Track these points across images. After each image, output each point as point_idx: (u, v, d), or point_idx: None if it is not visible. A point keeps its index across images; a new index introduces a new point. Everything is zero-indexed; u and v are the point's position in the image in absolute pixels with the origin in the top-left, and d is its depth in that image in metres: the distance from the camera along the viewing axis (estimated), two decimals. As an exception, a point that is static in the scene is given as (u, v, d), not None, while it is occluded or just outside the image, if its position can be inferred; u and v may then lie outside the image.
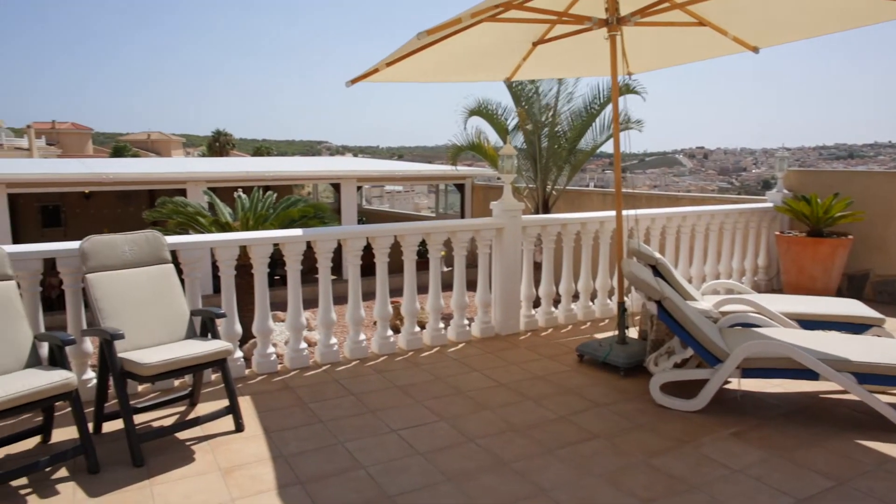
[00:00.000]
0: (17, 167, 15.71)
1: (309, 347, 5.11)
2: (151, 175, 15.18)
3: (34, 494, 3.17)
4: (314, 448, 3.63)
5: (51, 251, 4.10)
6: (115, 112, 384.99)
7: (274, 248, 4.84)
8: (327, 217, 8.66)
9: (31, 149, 42.94)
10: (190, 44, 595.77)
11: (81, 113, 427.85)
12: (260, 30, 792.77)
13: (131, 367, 3.49)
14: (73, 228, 17.80)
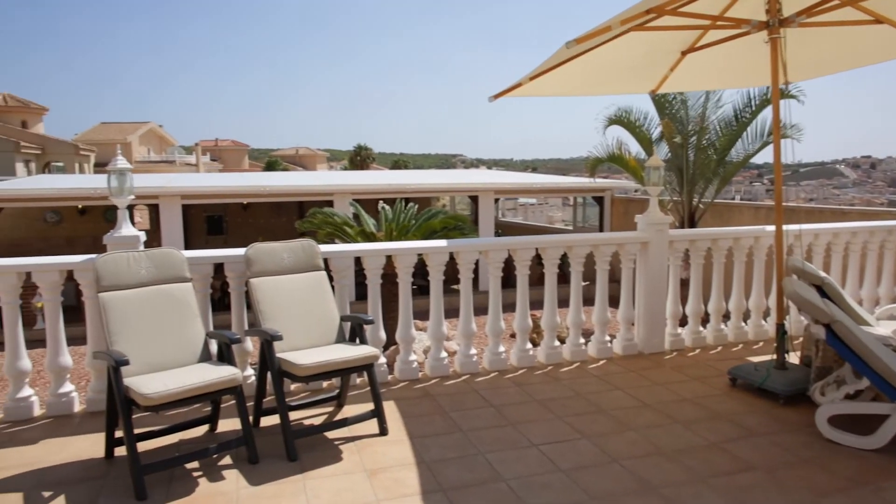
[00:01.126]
0: (190, 181, 17.42)
1: (448, 357, 5.19)
2: (302, 187, 16.22)
3: (204, 477, 3.46)
4: (455, 456, 3.67)
5: (220, 256, 4.48)
6: (267, 129, 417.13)
7: (417, 258, 4.97)
8: (467, 228, 8.79)
9: (198, 164, 47.48)
10: (335, 66, 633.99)
11: (239, 131, 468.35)
12: (397, 50, 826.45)
13: (288, 367, 3.72)
14: (232, 236, 19.41)
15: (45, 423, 4.23)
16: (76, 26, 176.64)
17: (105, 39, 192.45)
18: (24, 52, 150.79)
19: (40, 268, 4.20)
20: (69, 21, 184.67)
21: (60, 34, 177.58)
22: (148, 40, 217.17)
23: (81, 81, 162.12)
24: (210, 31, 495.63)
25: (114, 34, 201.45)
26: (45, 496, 3.28)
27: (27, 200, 14.48)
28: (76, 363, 4.41)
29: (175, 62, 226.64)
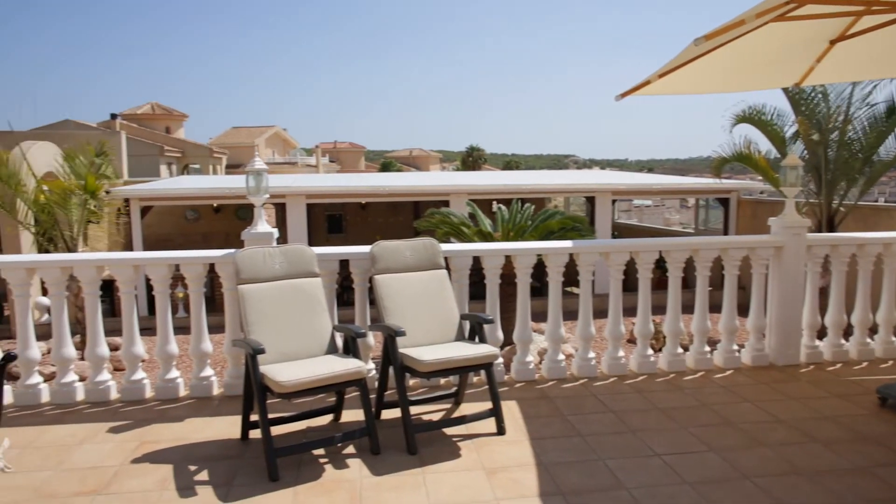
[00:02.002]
0: (313, 181, 18.30)
1: (565, 359, 5.11)
2: (418, 188, 16.58)
3: (330, 464, 3.62)
4: (574, 460, 3.61)
5: (346, 253, 4.66)
6: (382, 131, 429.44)
7: (536, 258, 4.93)
8: (585, 230, 8.63)
9: (318, 166, 49.66)
10: (449, 67, 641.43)
11: (357, 133, 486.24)
12: (507, 48, 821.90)
13: (410, 363, 3.82)
14: (351, 235, 20.17)
15: (189, 402, 4.59)
16: (211, 35, 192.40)
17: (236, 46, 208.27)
18: (169, 62, 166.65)
19: (187, 260, 4.57)
20: (206, 29, 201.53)
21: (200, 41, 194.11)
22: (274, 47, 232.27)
23: (216, 88, 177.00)
24: (331, 38, 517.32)
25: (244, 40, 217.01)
26: (191, 469, 3.57)
27: (172, 199, 15.77)
28: (214, 349, 4.77)
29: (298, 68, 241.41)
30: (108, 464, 3.66)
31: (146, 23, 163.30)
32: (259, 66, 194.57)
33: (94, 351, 4.63)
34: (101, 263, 4.58)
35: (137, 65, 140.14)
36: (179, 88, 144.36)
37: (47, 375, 4.77)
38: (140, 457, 3.74)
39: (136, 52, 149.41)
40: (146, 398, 4.67)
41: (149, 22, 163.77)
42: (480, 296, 4.87)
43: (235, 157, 46.42)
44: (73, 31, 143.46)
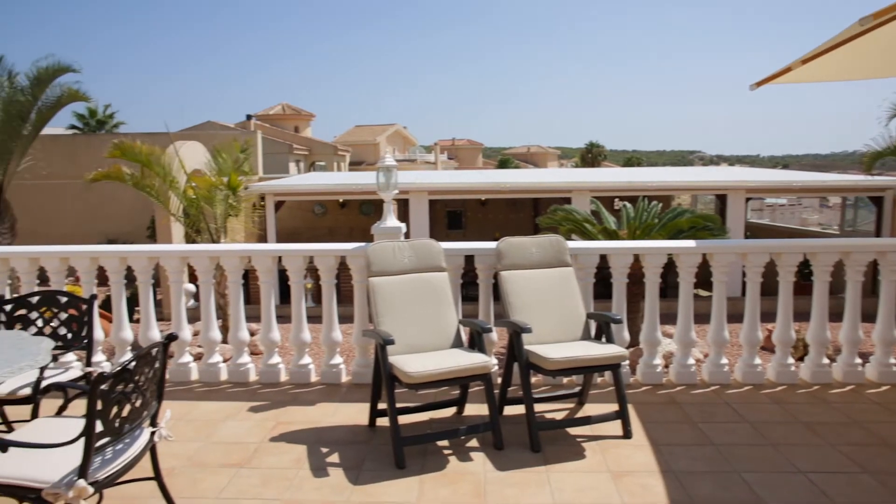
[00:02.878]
0: (436, 178, 18.64)
1: (695, 364, 4.87)
2: (539, 184, 16.44)
3: (454, 456, 3.68)
4: (706, 471, 3.43)
5: (472, 249, 4.70)
6: (501, 128, 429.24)
7: (667, 258, 4.74)
8: (717, 229, 8.19)
9: (436, 163, 50.45)
10: (568, 63, 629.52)
11: (474, 130, 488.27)
12: (629, 41, 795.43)
13: (536, 360, 3.79)
14: (470, 231, 20.36)
15: (320, 388, 4.83)
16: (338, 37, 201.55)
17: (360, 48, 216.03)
18: (299, 64, 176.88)
19: (321, 253, 4.79)
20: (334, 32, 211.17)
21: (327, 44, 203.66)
22: (395, 47, 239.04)
23: (341, 88, 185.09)
24: (453, 36, 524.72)
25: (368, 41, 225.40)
26: (323, 451, 3.75)
27: (303, 195, 16.65)
28: (343, 339, 4.99)
29: (418, 67, 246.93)
30: (249, 440, 3.93)
31: (279, 28, 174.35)
32: (381, 66, 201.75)
33: (236, 335, 4.97)
34: (245, 254, 4.91)
35: (271, 68, 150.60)
36: (307, 89, 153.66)
37: (195, 356, 5.18)
38: (277, 436, 3.98)
39: (270, 56, 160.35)
40: (281, 381, 4.96)
41: (281, 27, 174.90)
42: (600, 295, 4.75)
43: (358, 154, 48.14)
44: (211, 37, 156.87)
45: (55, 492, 2.34)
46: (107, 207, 17.25)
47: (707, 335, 4.86)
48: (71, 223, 17.07)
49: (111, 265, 4.88)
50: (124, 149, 8.05)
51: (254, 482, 3.42)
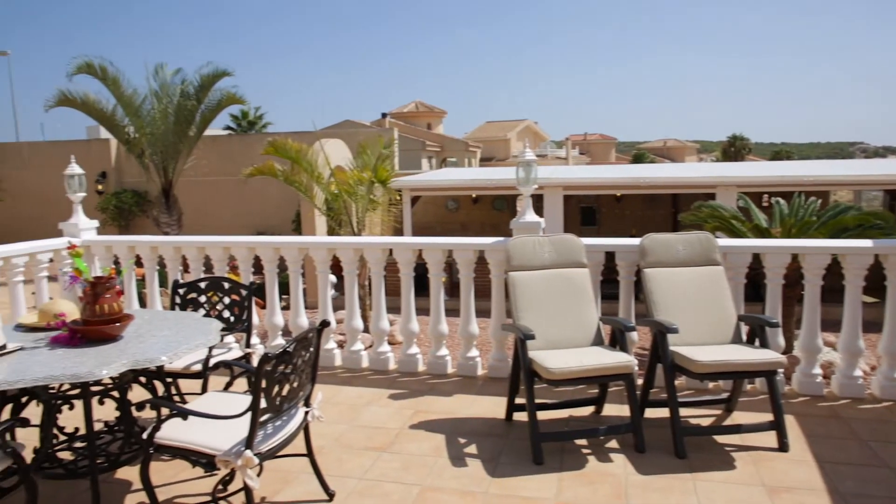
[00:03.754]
0: (571, 173, 18.33)
1: (864, 377, 4.43)
2: (681, 179, 15.65)
3: (593, 456, 3.60)
4: (882, 496, 3.11)
5: (613, 245, 4.57)
6: (635, 122, 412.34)
7: (831, 258, 4.34)
8: (889, 228, 7.37)
9: (567, 158, 49.59)
10: (702, 54, 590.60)
11: (608, 124, 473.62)
12: (777, 26, 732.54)
13: (682, 362, 3.62)
14: (604, 227, 19.82)
15: (456, 380, 4.90)
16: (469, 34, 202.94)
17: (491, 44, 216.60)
18: (431, 62, 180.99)
19: (460, 246, 4.86)
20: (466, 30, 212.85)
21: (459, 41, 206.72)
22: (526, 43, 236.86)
23: (473, 85, 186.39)
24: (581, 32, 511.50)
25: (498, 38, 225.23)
26: (460, 441, 3.81)
27: (439, 190, 17.00)
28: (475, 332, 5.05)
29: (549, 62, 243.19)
30: (389, 426, 4.07)
31: (412, 26, 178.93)
32: (512, 62, 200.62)
33: (378, 325, 5.16)
34: (387, 246, 5.09)
35: (406, 67, 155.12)
36: (439, 87, 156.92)
37: (338, 343, 5.45)
38: (416, 424, 4.09)
39: (405, 55, 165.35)
40: (419, 371, 5.09)
41: (414, 25, 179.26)
42: (747, 297, 4.43)
43: (489, 150, 48.39)
44: (348, 38, 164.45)
45: (226, 459, 2.56)
46: (256, 202, 18.58)
47: (878, 345, 4.40)
48: (226, 217, 18.57)
49: (266, 255, 5.25)
50: (277, 146, 8.64)
51: (395, 466, 3.54)
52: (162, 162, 12.82)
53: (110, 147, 19.86)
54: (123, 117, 12.64)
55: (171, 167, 12.93)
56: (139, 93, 12.46)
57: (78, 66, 11.82)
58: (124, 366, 2.68)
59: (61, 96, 12.23)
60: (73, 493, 3.28)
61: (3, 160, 20.47)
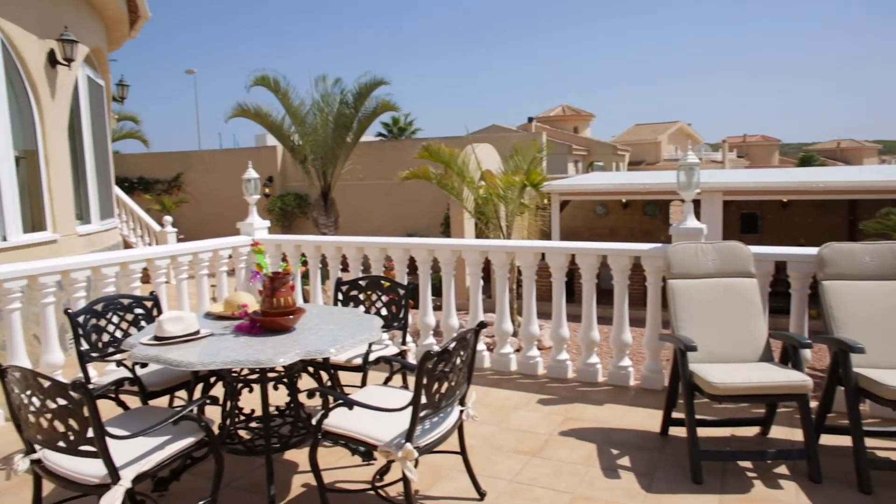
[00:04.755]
0: (732, 177, 17.22)
1: None
2: (863, 184, 14.15)
3: (759, 480, 3.35)
4: None
5: (784, 254, 4.23)
6: (801, 123, 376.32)
7: None
8: None
9: (724, 161, 46.62)
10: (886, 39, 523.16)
11: (770, 125, 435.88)
12: None
13: (869, 385, 3.26)
14: (767, 235, 18.41)
15: (606, 388, 4.77)
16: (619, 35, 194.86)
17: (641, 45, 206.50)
18: (579, 65, 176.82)
19: (615, 252, 4.73)
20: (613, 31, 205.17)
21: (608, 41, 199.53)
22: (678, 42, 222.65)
23: (621, 87, 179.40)
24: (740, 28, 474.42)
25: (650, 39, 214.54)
26: (613, 452, 3.70)
27: (589, 194, 16.68)
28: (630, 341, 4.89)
29: (704, 61, 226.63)
30: (538, 430, 4.05)
31: (560, 31, 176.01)
32: (664, 63, 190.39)
33: (528, 328, 5.16)
34: (539, 250, 5.07)
35: (552, 71, 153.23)
36: (587, 89, 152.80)
37: (487, 345, 5.50)
38: (566, 431, 4.04)
39: (552, 58, 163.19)
40: (567, 378, 5.02)
41: (563, 29, 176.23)
42: None
43: (638, 153, 46.74)
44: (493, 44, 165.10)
45: (387, 450, 2.67)
46: (407, 205, 19.29)
47: None
48: (378, 218, 19.46)
49: (420, 256, 5.42)
50: (431, 150, 8.93)
51: (545, 472, 3.51)
52: (322, 167, 13.69)
53: (277, 153, 21.55)
54: (290, 126, 13.67)
55: (329, 172, 13.77)
56: (305, 103, 13.42)
57: (255, 79, 12.94)
58: (297, 355, 2.89)
59: (239, 108, 13.46)
60: (249, 469, 3.59)
61: (189, 166, 22.89)
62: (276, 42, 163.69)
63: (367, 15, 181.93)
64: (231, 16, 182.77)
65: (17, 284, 4.34)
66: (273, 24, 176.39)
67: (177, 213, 18.30)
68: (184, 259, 5.49)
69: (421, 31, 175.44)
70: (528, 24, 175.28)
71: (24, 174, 7.07)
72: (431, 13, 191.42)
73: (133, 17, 9.73)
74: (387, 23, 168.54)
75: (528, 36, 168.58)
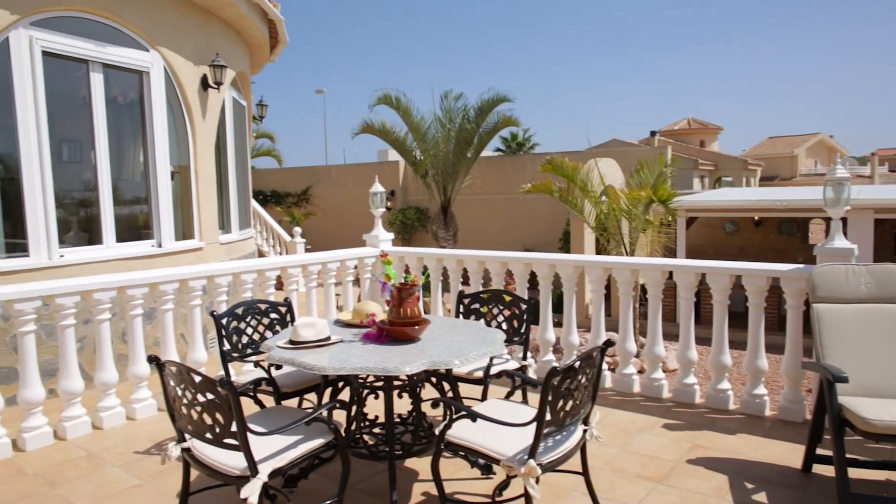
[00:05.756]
0: (885, 193, 15.70)
1: None
2: None
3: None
4: None
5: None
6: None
7: None
8: None
9: (873, 175, 42.78)
10: None
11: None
12: None
13: None
14: (924, 258, 16.62)
15: (739, 417, 4.49)
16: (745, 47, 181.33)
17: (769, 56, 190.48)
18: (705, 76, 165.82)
19: (750, 272, 4.45)
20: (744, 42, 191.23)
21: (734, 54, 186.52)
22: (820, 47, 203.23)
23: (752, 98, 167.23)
24: None
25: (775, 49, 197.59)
26: (747, 486, 3.47)
27: (719, 211, 15.84)
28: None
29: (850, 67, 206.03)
30: (664, 456, 3.87)
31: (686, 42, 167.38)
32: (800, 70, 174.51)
33: (653, 349, 4.96)
34: (666, 268, 4.88)
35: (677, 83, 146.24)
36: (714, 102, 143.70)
37: (608, 364, 5.35)
38: (694, 459, 3.83)
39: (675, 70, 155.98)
40: (695, 403, 4.77)
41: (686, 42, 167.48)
42: None
43: (771, 168, 43.96)
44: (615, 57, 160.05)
45: (510, 464, 2.66)
46: (524, 220, 19.23)
47: None
48: (495, 233, 19.53)
49: (542, 271, 5.37)
50: (554, 164, 8.87)
51: (671, 500, 3.35)
52: (442, 181, 13.97)
53: (399, 168, 22.24)
54: (412, 142, 14.08)
55: (450, 186, 14.02)
56: (426, 119, 13.79)
57: (378, 97, 13.47)
58: (423, 365, 2.94)
59: (364, 125, 14.05)
60: (370, 473, 3.69)
61: (318, 180, 24.15)
62: (399, 59, 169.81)
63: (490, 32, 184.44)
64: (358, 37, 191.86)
65: (171, 287, 4.75)
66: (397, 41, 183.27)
67: (305, 225, 19.32)
68: (314, 268, 5.78)
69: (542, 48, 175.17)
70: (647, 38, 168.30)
71: (178, 187, 7.74)
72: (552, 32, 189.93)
73: (273, 42, 10.44)
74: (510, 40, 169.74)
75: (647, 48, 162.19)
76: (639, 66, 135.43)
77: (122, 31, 6.78)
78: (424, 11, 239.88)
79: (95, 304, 4.44)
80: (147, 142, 7.22)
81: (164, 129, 7.27)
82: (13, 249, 6.07)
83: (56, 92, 6.20)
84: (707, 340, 4.92)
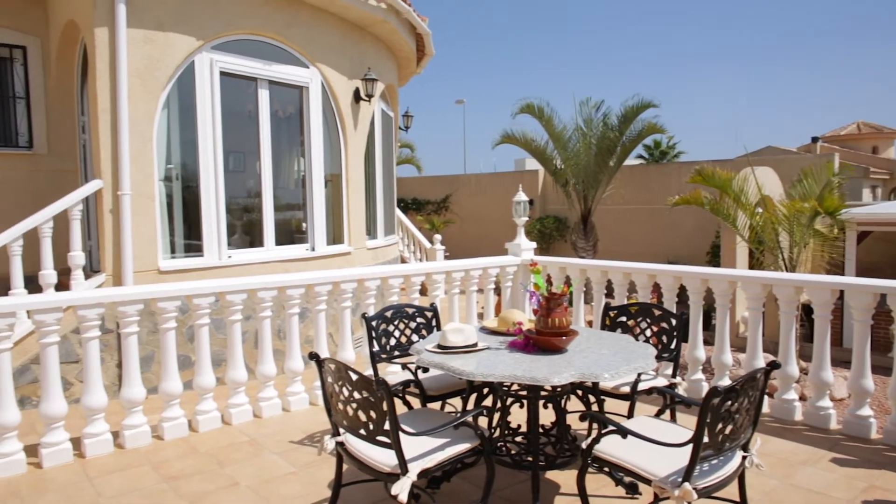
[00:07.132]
0: None
1: None
2: None
3: None
4: None
5: None
6: None
7: None
8: None
9: None
10: None
11: None
12: None
13: None
14: None
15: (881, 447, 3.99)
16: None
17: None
18: (878, 77, 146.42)
19: None
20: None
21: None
22: None
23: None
24: None
25: None
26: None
27: (894, 225, 14.26)
28: None
29: None
30: (834, 495, 3.52)
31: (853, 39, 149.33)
32: None
33: (819, 375, 4.54)
34: (838, 287, 4.46)
35: (843, 84, 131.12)
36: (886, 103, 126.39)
37: (768, 388, 4.96)
38: (871, 501, 3.45)
39: (843, 71, 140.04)
40: (870, 438, 4.30)
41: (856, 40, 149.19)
42: None
43: (962, 178, 38.86)
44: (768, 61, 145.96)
45: (662, 486, 2.54)
46: (667, 232, 18.39)
47: None
48: (635, 245, 18.84)
49: (692, 285, 5.11)
50: (704, 175, 8.41)
51: (844, 544, 3.04)
52: (583, 190, 13.72)
53: (538, 177, 22.12)
54: (552, 150, 13.96)
55: (591, 196, 13.73)
56: (567, 127, 13.62)
57: (521, 107, 13.50)
58: (571, 376, 2.90)
59: (505, 135, 14.14)
60: (511, 482, 3.68)
61: (457, 189, 24.61)
62: (537, 67, 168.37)
63: (633, 39, 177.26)
64: (498, 48, 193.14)
65: (325, 289, 5.05)
66: (532, 52, 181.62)
67: (444, 232, 19.75)
68: (457, 275, 5.88)
69: (688, 50, 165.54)
70: (806, 39, 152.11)
71: (330, 195, 8.22)
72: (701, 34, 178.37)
73: (420, 55, 10.81)
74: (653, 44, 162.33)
75: (803, 49, 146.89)
76: (798, 68, 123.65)
77: (286, 50, 7.34)
78: (562, 19, 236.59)
79: (259, 301, 4.81)
80: (304, 152, 7.74)
81: (319, 140, 7.76)
82: (189, 250, 6.75)
83: (227, 107, 6.83)
84: (847, 363, 4.43)
